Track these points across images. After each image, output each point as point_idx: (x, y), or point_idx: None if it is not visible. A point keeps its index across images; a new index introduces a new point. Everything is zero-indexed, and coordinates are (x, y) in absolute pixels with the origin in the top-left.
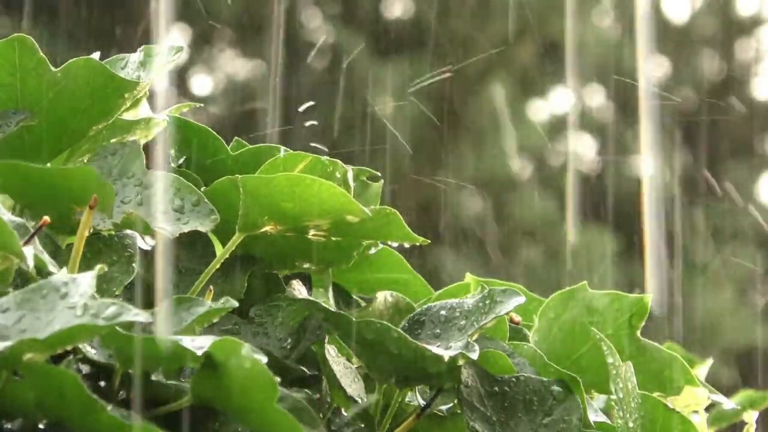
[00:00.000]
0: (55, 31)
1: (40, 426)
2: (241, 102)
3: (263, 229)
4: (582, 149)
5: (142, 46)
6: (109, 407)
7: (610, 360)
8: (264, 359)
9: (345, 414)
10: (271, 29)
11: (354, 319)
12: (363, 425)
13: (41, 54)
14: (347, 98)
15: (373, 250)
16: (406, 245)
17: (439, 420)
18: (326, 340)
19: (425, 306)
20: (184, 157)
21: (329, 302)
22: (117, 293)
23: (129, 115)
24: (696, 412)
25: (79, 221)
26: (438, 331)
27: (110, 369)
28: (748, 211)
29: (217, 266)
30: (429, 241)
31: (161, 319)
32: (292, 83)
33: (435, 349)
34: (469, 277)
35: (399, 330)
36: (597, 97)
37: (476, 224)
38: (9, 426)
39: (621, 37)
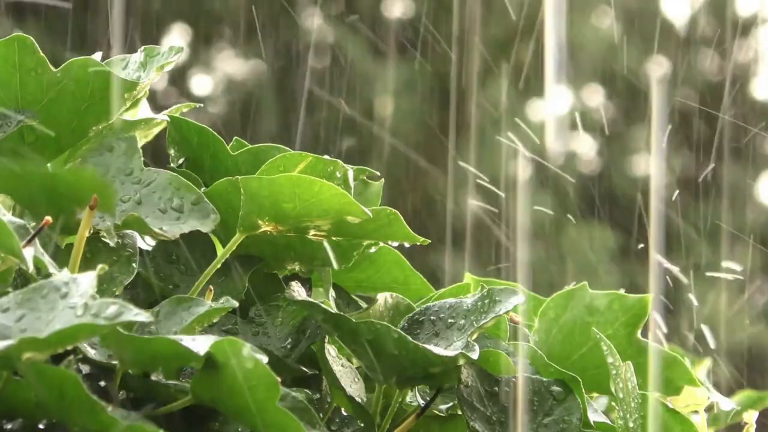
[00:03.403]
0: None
1: (40, 426)
2: (241, 102)
3: (263, 230)
4: (582, 149)
5: (143, 47)
6: (109, 407)
7: (610, 360)
8: (265, 359)
9: (345, 414)
10: (271, 29)
11: (353, 320)
12: (363, 425)
13: (41, 54)
14: (347, 98)
15: (373, 249)
16: (406, 245)
17: (439, 420)
18: (326, 340)
19: (424, 306)
20: (184, 157)
21: (329, 303)
22: (117, 293)
23: (129, 115)
24: (696, 412)
25: (79, 221)
26: (437, 330)
27: (110, 369)
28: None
29: (218, 266)
30: (429, 241)
31: (161, 318)
32: (292, 83)
33: (435, 348)
34: (468, 277)
35: (399, 330)
36: (596, 97)
37: (476, 223)
38: (9, 426)
39: (621, 36)
